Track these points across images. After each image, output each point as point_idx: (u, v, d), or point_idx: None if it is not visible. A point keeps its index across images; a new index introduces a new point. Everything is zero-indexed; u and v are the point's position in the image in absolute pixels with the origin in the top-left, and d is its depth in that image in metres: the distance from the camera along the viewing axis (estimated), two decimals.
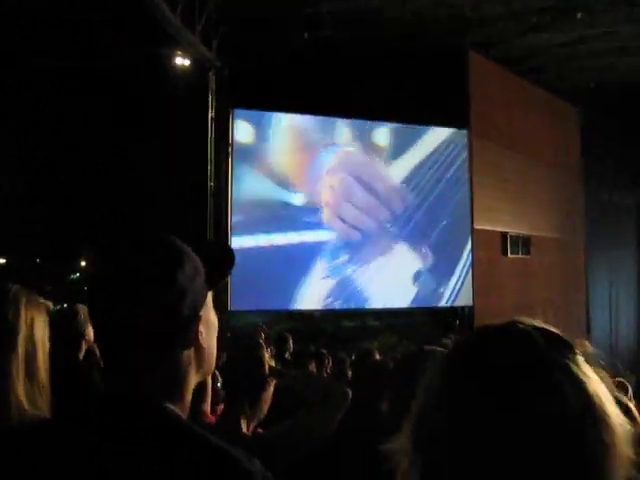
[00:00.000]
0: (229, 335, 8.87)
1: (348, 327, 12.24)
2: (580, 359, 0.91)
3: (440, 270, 12.77)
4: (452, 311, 12.88)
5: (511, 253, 13.74)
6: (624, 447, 0.86)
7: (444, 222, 12.85)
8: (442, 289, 12.75)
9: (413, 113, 12.27)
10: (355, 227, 12.02)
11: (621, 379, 7.00)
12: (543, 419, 0.83)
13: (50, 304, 1.94)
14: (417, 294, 12.54)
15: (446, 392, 0.89)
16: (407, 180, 12.63)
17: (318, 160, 11.84)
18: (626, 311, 17.79)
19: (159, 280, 1.20)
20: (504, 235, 13.68)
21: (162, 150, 11.41)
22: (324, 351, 7.34)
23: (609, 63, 14.87)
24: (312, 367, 5.99)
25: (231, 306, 10.84)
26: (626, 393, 6.23)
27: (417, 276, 12.51)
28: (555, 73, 15.08)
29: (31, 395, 1.78)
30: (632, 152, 17.02)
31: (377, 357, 5.02)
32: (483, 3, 11.55)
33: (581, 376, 0.88)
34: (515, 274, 13.86)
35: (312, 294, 11.65)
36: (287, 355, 7.09)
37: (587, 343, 0.96)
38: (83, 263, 21.00)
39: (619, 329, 17.44)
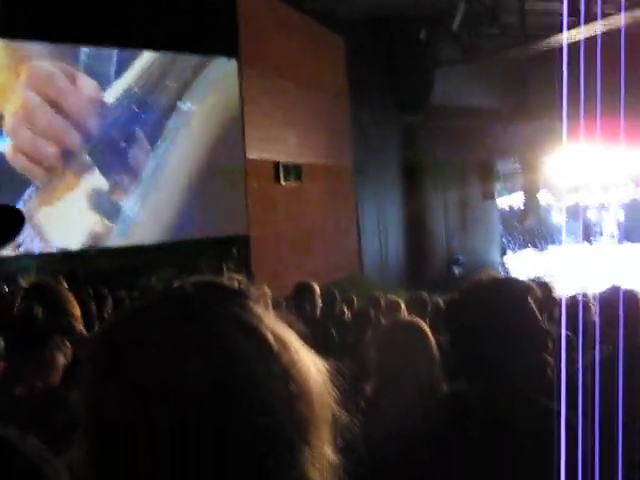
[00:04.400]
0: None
1: (124, 264, 11.90)
2: (251, 305, 0.84)
3: (212, 199, 12.73)
4: (228, 241, 12.91)
5: (284, 181, 13.98)
6: (319, 389, 0.83)
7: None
8: (215, 218, 12.77)
9: (178, 41, 11.88)
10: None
11: (394, 297, 7.47)
12: (211, 375, 0.76)
13: None
14: (188, 225, 12.49)
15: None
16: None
17: None
18: (394, 231, 18.84)
19: None
20: (276, 164, 13.88)
21: None
22: (104, 290, 7.12)
23: None
24: (92, 308, 5.81)
25: None
26: (399, 310, 6.66)
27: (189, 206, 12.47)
28: (321, 1, 15.32)
29: None
30: (396, 79, 17.84)
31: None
32: None
33: (254, 322, 0.82)
34: (288, 202, 14.17)
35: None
36: None
37: (265, 287, 0.90)
38: None
39: (389, 249, 18.46)
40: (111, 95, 11.61)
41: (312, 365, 0.84)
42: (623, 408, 2.17)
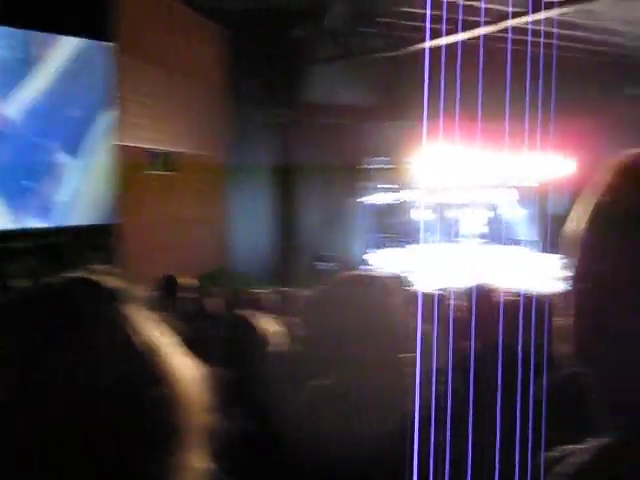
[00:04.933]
0: None
1: None
2: (122, 304, 0.83)
3: (82, 186, 12.38)
4: (98, 229, 12.57)
5: (156, 170, 13.74)
6: (196, 392, 0.82)
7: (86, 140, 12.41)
8: (85, 206, 12.42)
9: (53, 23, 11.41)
10: None
11: (259, 292, 7.50)
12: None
13: None
14: (58, 212, 12.08)
15: None
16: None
17: None
18: (262, 225, 18.87)
19: None
20: (149, 152, 13.62)
21: None
22: None
23: None
24: None
25: None
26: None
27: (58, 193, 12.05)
28: None
29: None
30: (272, 74, 17.82)
31: None
32: None
33: (125, 322, 0.81)
34: (160, 191, 13.94)
35: None
36: None
37: (139, 285, 0.87)
38: None
39: (257, 243, 18.46)
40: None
41: (185, 369, 0.82)
42: (474, 404, 2.28)
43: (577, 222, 0.90)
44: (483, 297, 3.57)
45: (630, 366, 0.83)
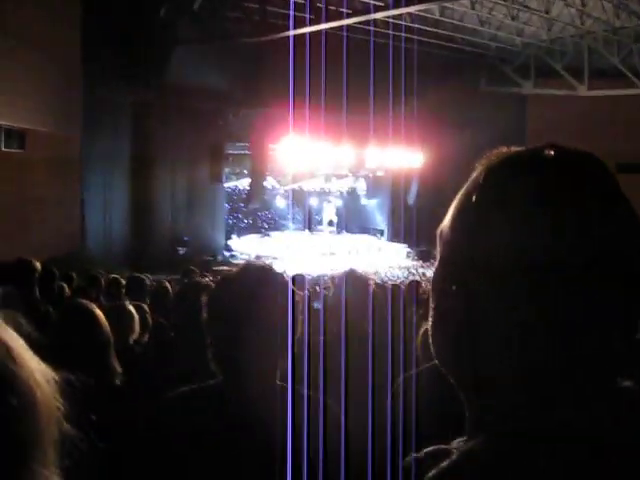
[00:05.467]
0: None
1: None
2: None
3: None
4: None
5: (5, 147, 13.06)
6: (48, 401, 0.76)
7: None
8: None
9: None
10: None
11: (115, 276, 7.27)
12: None
13: None
14: None
15: None
16: None
17: None
18: (119, 208, 18.43)
19: None
20: None
21: None
22: None
23: None
24: None
25: None
26: (119, 289, 6.49)
27: None
28: None
29: None
30: (132, 53, 17.33)
31: None
32: None
33: None
34: (8, 169, 13.25)
35: None
36: None
37: None
38: None
39: (113, 226, 18.01)
40: None
41: (39, 376, 0.76)
42: (345, 391, 2.28)
43: (446, 221, 0.87)
44: (354, 283, 3.58)
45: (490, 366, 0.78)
